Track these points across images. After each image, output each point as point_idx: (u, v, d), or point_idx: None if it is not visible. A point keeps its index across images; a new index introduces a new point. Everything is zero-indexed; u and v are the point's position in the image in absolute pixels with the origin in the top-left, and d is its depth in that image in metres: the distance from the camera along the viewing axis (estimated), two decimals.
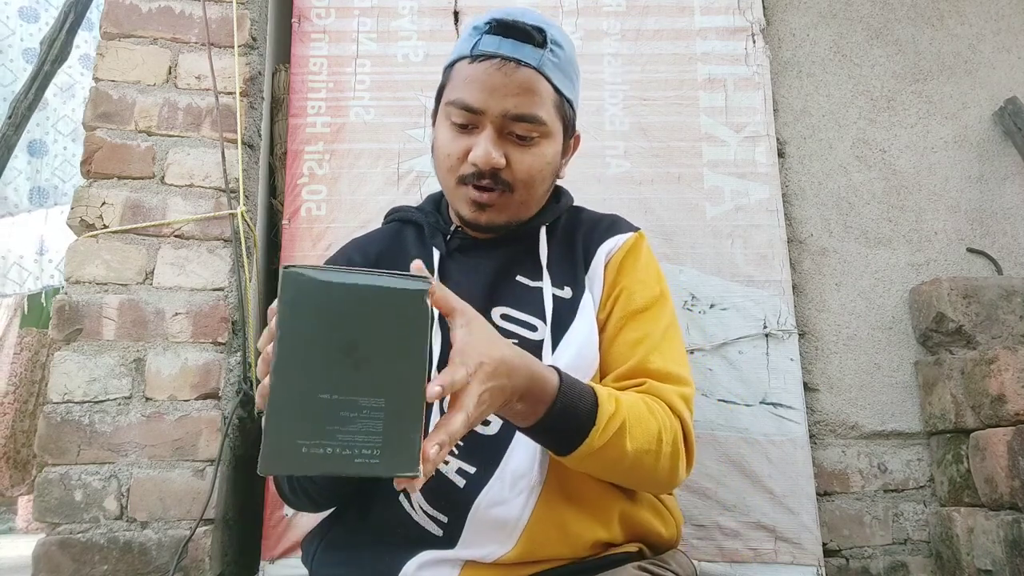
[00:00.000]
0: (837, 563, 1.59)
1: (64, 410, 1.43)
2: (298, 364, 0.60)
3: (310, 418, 0.59)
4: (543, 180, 1.00)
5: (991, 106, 1.89)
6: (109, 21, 1.64)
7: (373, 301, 0.63)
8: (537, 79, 0.95)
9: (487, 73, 0.94)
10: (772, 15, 1.89)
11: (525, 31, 0.94)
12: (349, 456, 0.59)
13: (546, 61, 0.95)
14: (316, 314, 0.61)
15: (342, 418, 0.60)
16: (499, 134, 0.95)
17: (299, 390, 0.60)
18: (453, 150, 0.97)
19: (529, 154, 0.97)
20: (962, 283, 1.64)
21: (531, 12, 1.00)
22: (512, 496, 0.90)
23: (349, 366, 0.61)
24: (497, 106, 0.94)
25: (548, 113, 0.97)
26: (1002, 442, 1.45)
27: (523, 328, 0.98)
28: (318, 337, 0.61)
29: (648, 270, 1.04)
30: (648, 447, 0.87)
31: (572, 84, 1.01)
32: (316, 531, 1.01)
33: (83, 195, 1.54)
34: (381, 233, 1.14)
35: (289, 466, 0.59)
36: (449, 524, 0.90)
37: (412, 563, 0.88)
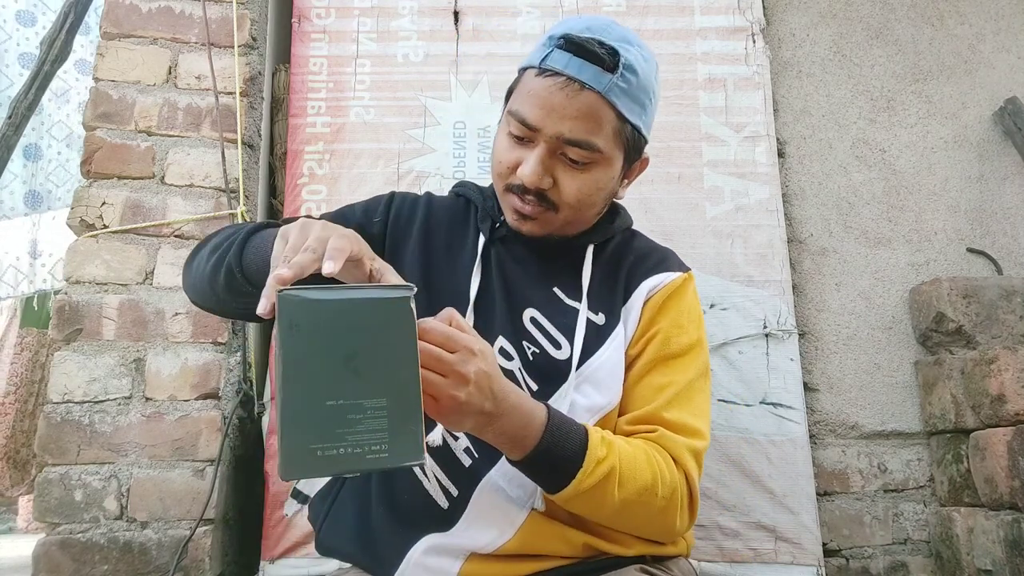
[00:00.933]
0: (837, 563, 1.59)
1: (64, 410, 1.43)
2: (303, 377, 0.65)
3: (320, 424, 0.64)
4: (592, 204, 0.98)
5: (991, 106, 1.89)
6: (109, 21, 1.64)
7: (363, 312, 0.68)
8: (600, 104, 0.91)
9: (549, 91, 0.90)
10: (772, 15, 1.89)
11: (595, 53, 0.89)
12: (360, 454, 0.65)
13: (613, 87, 0.90)
14: (313, 330, 0.66)
15: (349, 420, 0.65)
16: (551, 154, 0.93)
17: (307, 400, 0.65)
18: (505, 159, 0.96)
19: (579, 179, 0.94)
20: (962, 283, 1.64)
21: (615, 28, 0.95)
22: (511, 492, 0.90)
23: (350, 373, 0.66)
24: (553, 127, 0.91)
25: (606, 140, 0.93)
26: (1002, 442, 1.45)
27: (547, 340, 0.97)
28: (317, 350, 0.66)
29: (690, 315, 1.02)
30: (639, 498, 0.85)
31: (643, 110, 0.97)
32: (324, 491, 1.02)
33: (83, 195, 1.54)
34: (451, 202, 1.12)
35: (306, 470, 0.64)
36: (457, 498, 0.91)
37: (417, 548, 0.89)
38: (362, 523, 0.94)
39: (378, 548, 0.91)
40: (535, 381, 0.96)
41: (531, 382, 0.96)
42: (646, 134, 1.00)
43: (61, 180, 2.89)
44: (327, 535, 0.98)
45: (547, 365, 0.96)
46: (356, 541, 0.94)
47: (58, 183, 2.89)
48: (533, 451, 0.80)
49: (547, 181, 0.93)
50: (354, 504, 0.97)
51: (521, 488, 0.91)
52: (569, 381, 0.94)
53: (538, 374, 0.96)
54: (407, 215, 1.07)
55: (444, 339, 0.72)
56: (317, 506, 1.02)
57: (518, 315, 0.98)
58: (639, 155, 1.02)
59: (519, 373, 0.96)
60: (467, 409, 0.73)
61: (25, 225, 3.07)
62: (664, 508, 0.88)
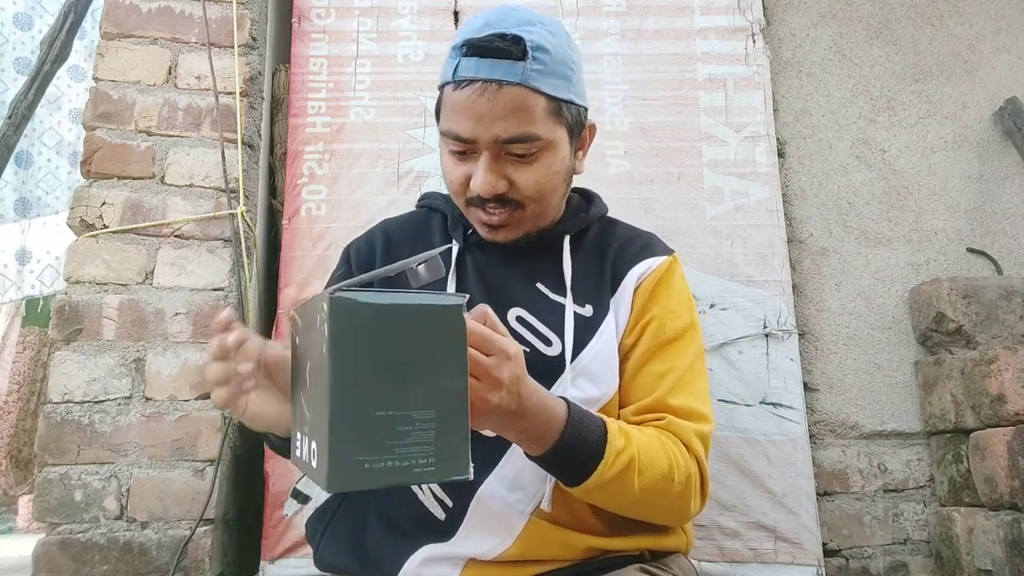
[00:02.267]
0: (837, 563, 1.59)
1: (64, 410, 1.43)
2: (352, 384, 0.63)
3: (369, 435, 0.62)
4: (554, 189, 0.97)
5: (991, 106, 1.89)
6: (109, 21, 1.64)
7: (415, 319, 0.66)
8: (524, 95, 0.89)
9: (470, 100, 0.89)
10: (772, 15, 1.89)
11: (499, 48, 0.88)
12: (408, 467, 0.63)
13: (530, 73, 0.89)
14: (365, 336, 0.64)
15: (399, 432, 0.63)
16: (496, 158, 0.92)
17: (357, 411, 0.63)
18: (455, 177, 0.96)
19: (532, 170, 0.93)
20: (962, 283, 1.64)
21: (512, 14, 0.93)
22: (510, 497, 0.90)
23: (399, 382, 0.64)
24: (487, 133, 0.90)
25: (544, 125, 0.92)
26: (1002, 442, 1.45)
27: (537, 339, 0.97)
28: (369, 357, 0.64)
29: (680, 297, 1.01)
30: (657, 485, 0.86)
31: (568, 82, 0.94)
32: (322, 508, 1.02)
33: (83, 195, 1.54)
34: (411, 218, 1.13)
35: (354, 483, 0.62)
36: (453, 509, 0.90)
37: (415, 559, 0.88)
38: (359, 538, 0.94)
39: (375, 561, 0.91)
40: None
41: None
42: (581, 102, 0.98)
43: (51, 187, 2.89)
44: (324, 551, 0.97)
45: (540, 363, 0.95)
46: (353, 555, 0.93)
47: (48, 190, 2.88)
48: (554, 446, 0.80)
49: (502, 184, 0.93)
50: (351, 520, 0.96)
51: (521, 491, 0.90)
52: (564, 376, 0.93)
53: (532, 373, 0.96)
54: (366, 254, 1.07)
55: (481, 341, 0.71)
56: (314, 524, 1.02)
57: (503, 316, 0.97)
58: (583, 125, 1.00)
59: None
60: (496, 412, 0.73)
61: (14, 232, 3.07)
62: (680, 493, 0.88)
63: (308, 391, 0.69)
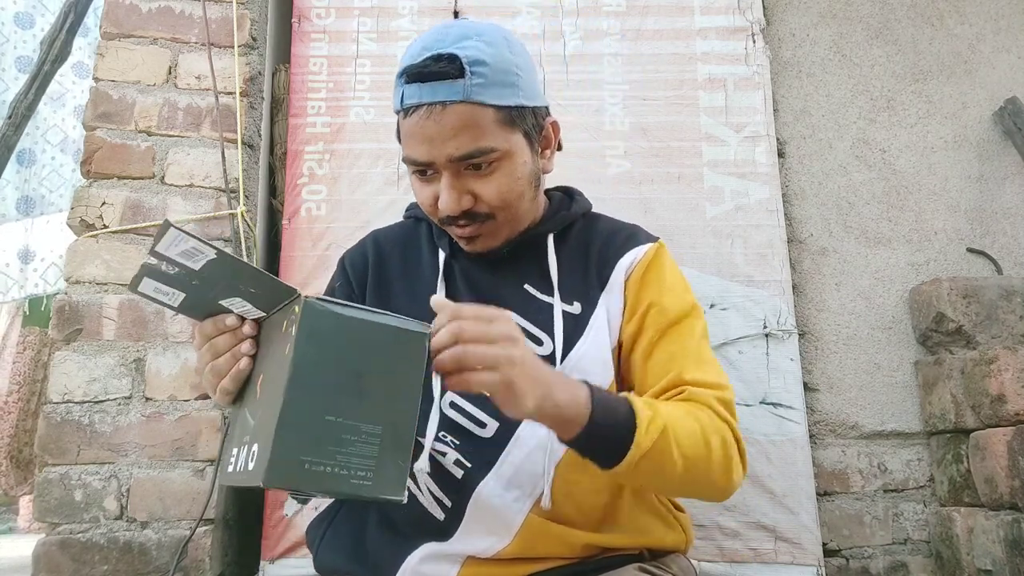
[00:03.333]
0: (837, 563, 1.59)
1: (64, 410, 1.43)
2: (309, 386, 0.65)
3: (315, 437, 0.64)
4: (520, 195, 0.97)
5: (991, 106, 1.89)
6: (109, 21, 1.64)
7: (381, 338, 0.69)
8: (469, 111, 0.89)
9: (419, 125, 0.90)
10: (772, 15, 1.89)
11: (435, 71, 0.89)
12: (346, 476, 0.65)
13: (473, 88, 0.89)
14: (330, 343, 0.67)
15: (343, 440, 0.65)
16: (456, 176, 0.93)
17: (308, 410, 0.64)
18: (424, 198, 0.97)
19: (493, 181, 0.93)
20: (962, 283, 1.64)
21: (450, 31, 0.93)
22: (508, 496, 0.90)
23: (354, 393, 0.66)
24: (440, 154, 0.91)
25: (496, 136, 0.92)
26: (1002, 442, 1.45)
27: (528, 339, 0.96)
28: (329, 363, 0.66)
29: (674, 280, 1.02)
30: (697, 451, 0.85)
31: (514, 88, 0.94)
32: (322, 516, 1.02)
33: (83, 195, 1.54)
34: (400, 229, 1.14)
35: (291, 479, 0.64)
36: (452, 509, 0.91)
37: (414, 556, 0.89)
38: (358, 540, 0.94)
39: (375, 561, 0.91)
40: None
41: None
42: (535, 103, 0.97)
43: (55, 185, 2.88)
44: (323, 554, 0.98)
45: None
46: (352, 557, 0.93)
47: (51, 188, 2.88)
48: (588, 423, 0.79)
49: (467, 200, 0.94)
50: (350, 524, 0.97)
51: (519, 488, 0.91)
52: None
53: None
54: (360, 265, 1.09)
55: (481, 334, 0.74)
56: (314, 529, 1.02)
57: None
58: (541, 125, 1.00)
59: None
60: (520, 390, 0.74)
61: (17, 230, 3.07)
62: (723, 457, 0.87)
63: (258, 399, 0.71)
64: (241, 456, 0.70)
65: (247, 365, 0.75)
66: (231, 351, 0.76)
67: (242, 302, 0.73)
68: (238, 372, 0.75)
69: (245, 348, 0.75)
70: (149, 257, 0.66)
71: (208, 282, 0.70)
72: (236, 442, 0.74)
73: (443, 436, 0.94)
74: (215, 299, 0.73)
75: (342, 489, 0.65)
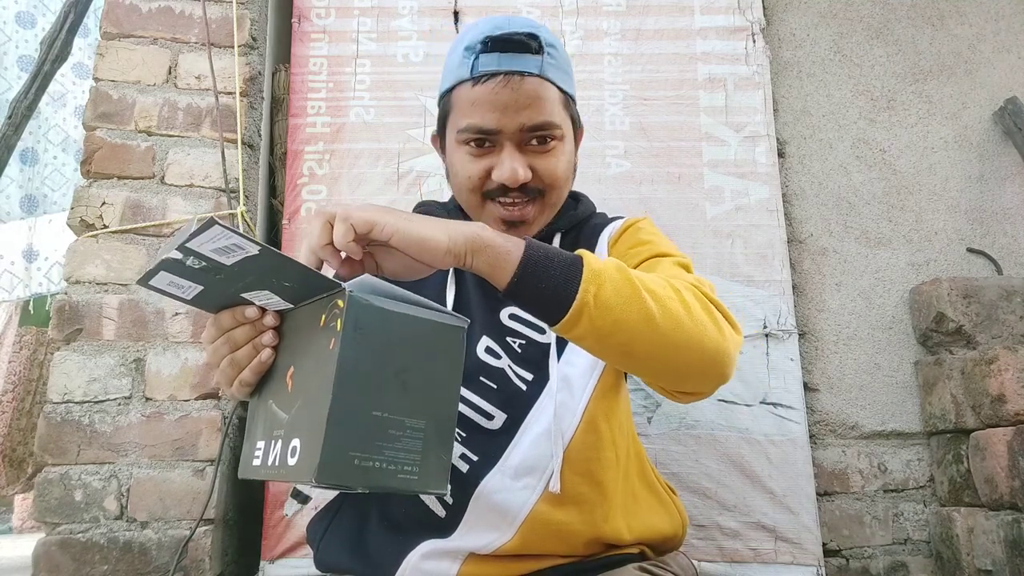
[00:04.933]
0: (837, 563, 1.59)
1: (64, 410, 1.43)
2: (357, 382, 0.65)
3: (364, 433, 0.64)
4: (567, 179, 1.03)
5: (991, 106, 1.89)
6: (109, 21, 1.64)
7: (422, 331, 0.69)
8: (543, 86, 0.95)
9: (495, 92, 0.94)
10: (772, 15, 1.89)
11: (521, 42, 0.94)
12: (393, 471, 0.65)
13: (547, 65, 0.96)
14: (376, 338, 0.66)
15: (390, 435, 0.65)
16: (519, 148, 0.96)
17: (357, 405, 0.64)
18: (474, 172, 0.98)
19: (552, 158, 0.98)
20: (962, 283, 1.64)
21: (517, 19, 1.00)
22: (515, 487, 0.91)
23: (399, 388, 0.66)
24: (512, 122, 0.94)
25: (560, 115, 0.98)
26: (1002, 442, 1.45)
27: (530, 329, 0.99)
28: (375, 359, 0.66)
29: (655, 236, 1.03)
30: (668, 294, 0.76)
31: (570, 78, 1.03)
32: (323, 513, 1.02)
33: (83, 195, 1.54)
34: None
35: (342, 476, 0.63)
36: (453, 505, 0.91)
37: (415, 553, 0.89)
38: (359, 537, 0.94)
39: (375, 558, 0.91)
40: (527, 371, 0.97)
41: (524, 373, 0.97)
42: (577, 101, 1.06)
43: (57, 184, 2.89)
44: (324, 552, 0.98)
45: (535, 352, 0.98)
46: (353, 554, 0.94)
47: (54, 187, 2.89)
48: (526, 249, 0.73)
49: (527, 173, 0.96)
50: (351, 521, 0.97)
51: (529, 475, 0.91)
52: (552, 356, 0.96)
53: (528, 363, 0.98)
54: None
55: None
56: (315, 527, 1.03)
57: (496, 315, 1.00)
58: (580, 124, 1.07)
59: (509, 370, 0.97)
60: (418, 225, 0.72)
61: (21, 229, 3.08)
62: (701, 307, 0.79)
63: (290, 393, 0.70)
64: (273, 450, 0.69)
65: (269, 357, 0.74)
66: (252, 343, 0.75)
67: (268, 294, 0.72)
68: (260, 364, 0.74)
69: (267, 339, 0.74)
70: (174, 251, 0.65)
71: (236, 276, 0.69)
72: (262, 435, 0.73)
73: None
74: (238, 292, 0.72)
75: (390, 484, 0.65)
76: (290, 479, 0.66)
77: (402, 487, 0.65)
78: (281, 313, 0.75)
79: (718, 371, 0.81)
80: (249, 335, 0.75)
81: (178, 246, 0.64)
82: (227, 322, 0.75)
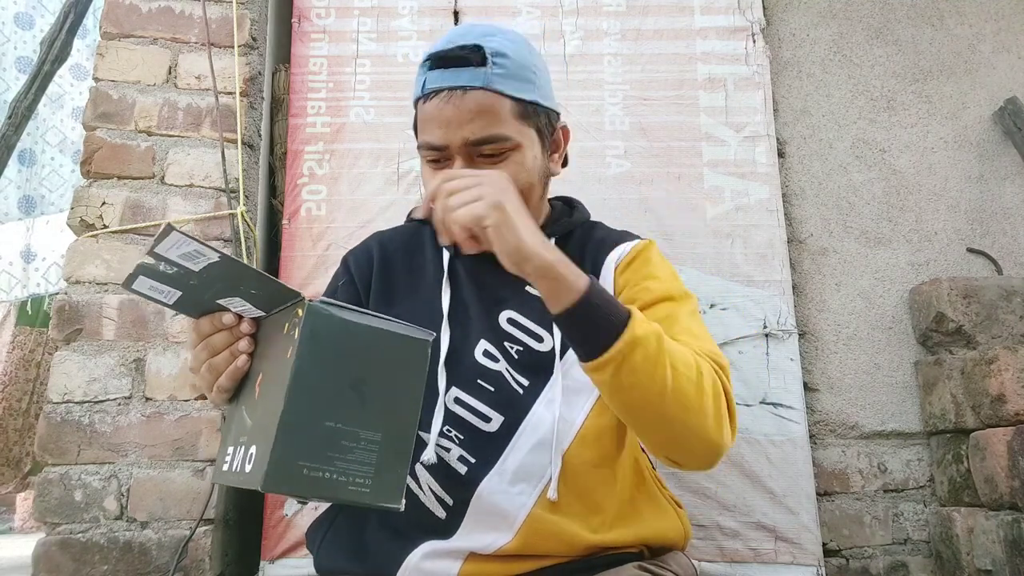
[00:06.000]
0: (837, 563, 1.59)
1: (64, 410, 1.43)
2: (311, 391, 0.65)
3: (315, 442, 0.64)
4: (530, 186, 0.99)
5: (991, 106, 1.89)
6: (109, 21, 1.64)
7: (384, 344, 0.69)
8: (488, 98, 0.93)
9: (438, 109, 0.94)
10: (772, 15, 1.89)
11: (460, 56, 0.94)
12: (344, 482, 0.64)
13: (493, 77, 0.94)
14: (333, 348, 0.66)
15: (343, 447, 0.65)
16: (468, 161, 0.95)
17: (309, 415, 0.64)
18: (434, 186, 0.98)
19: (504, 170, 0.94)
20: (962, 283, 1.64)
21: (475, 28, 0.99)
22: (511, 492, 0.91)
23: (355, 399, 0.66)
24: (456, 137, 0.93)
25: (511, 126, 0.95)
26: (1002, 442, 1.45)
27: (529, 336, 0.99)
28: (332, 368, 0.66)
29: (662, 269, 1.03)
30: (689, 374, 0.82)
31: (532, 84, 0.98)
32: (322, 518, 1.02)
33: (83, 195, 1.54)
34: (402, 231, 1.15)
35: (290, 485, 0.63)
36: (453, 507, 0.91)
37: (416, 554, 0.89)
38: (359, 541, 0.94)
39: (375, 559, 0.91)
40: (525, 376, 0.97)
41: (521, 378, 0.97)
42: (549, 105, 1.02)
43: (54, 185, 2.90)
44: (324, 556, 0.98)
45: (533, 359, 0.98)
46: (353, 558, 0.94)
47: (51, 188, 2.89)
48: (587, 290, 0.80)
49: None
50: (351, 525, 0.97)
51: (524, 481, 0.91)
52: (556, 368, 0.96)
53: (526, 370, 0.97)
54: (365, 263, 1.10)
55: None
56: (314, 532, 1.03)
57: (495, 318, 1.00)
58: (553, 127, 1.04)
59: (507, 373, 0.97)
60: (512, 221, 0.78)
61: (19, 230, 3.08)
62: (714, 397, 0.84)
63: (256, 400, 0.71)
64: (237, 456, 0.70)
65: (245, 363, 0.75)
66: (229, 349, 0.76)
67: (241, 301, 0.73)
68: (236, 370, 0.75)
69: (243, 346, 0.75)
70: (146, 257, 0.66)
71: (207, 282, 0.70)
72: (232, 440, 0.73)
73: (448, 431, 0.94)
74: (212, 298, 0.73)
75: (340, 495, 0.65)
76: (246, 485, 0.65)
77: (353, 499, 0.65)
78: (257, 320, 0.76)
79: (705, 460, 0.88)
80: (227, 341, 0.76)
81: (148, 251, 0.66)
82: (206, 328, 0.76)
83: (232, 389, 0.77)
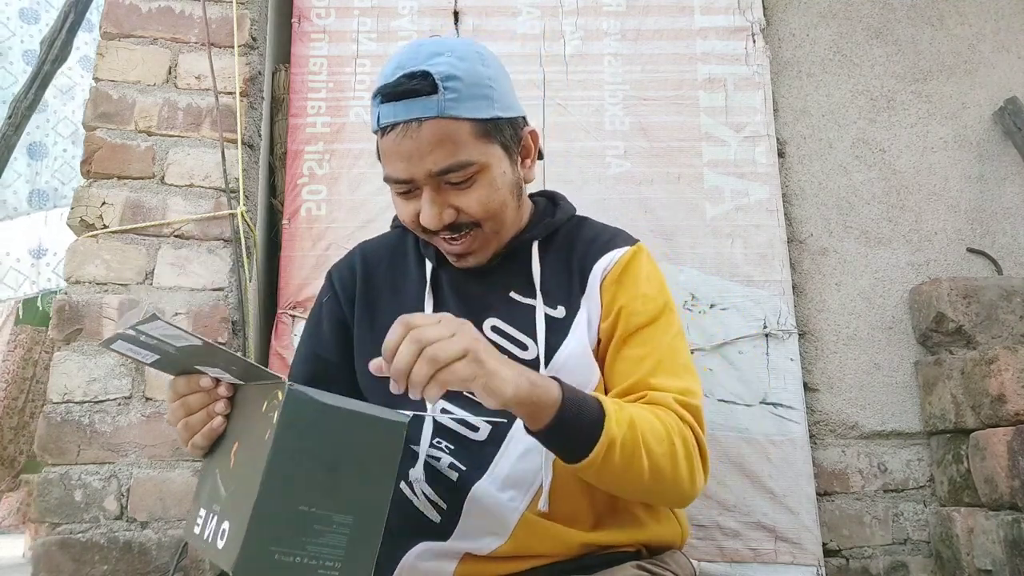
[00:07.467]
0: (837, 563, 1.59)
1: (64, 410, 1.43)
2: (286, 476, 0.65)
3: (288, 528, 0.65)
4: (503, 205, 0.97)
5: (991, 106, 1.89)
6: (109, 21, 1.64)
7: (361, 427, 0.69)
8: (444, 126, 0.90)
9: (396, 143, 0.91)
10: (772, 15, 1.89)
11: (408, 89, 0.89)
12: (314, 566, 0.65)
13: (447, 103, 0.90)
14: (310, 433, 0.67)
15: (314, 531, 0.66)
16: (436, 190, 0.93)
17: (283, 500, 0.65)
18: (406, 216, 0.97)
19: (473, 193, 0.94)
20: (962, 283, 1.64)
21: (422, 49, 0.94)
22: (503, 496, 0.91)
23: (329, 483, 0.67)
24: (419, 170, 0.91)
25: (473, 149, 0.92)
26: (1002, 442, 1.45)
27: (513, 344, 0.98)
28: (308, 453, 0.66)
29: (649, 283, 1.02)
30: (662, 448, 0.85)
31: (489, 100, 0.94)
32: None
33: (83, 195, 1.54)
34: (386, 240, 1.15)
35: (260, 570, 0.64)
36: (447, 511, 0.91)
37: (411, 554, 0.90)
38: None
39: None
40: None
41: None
42: (511, 114, 0.98)
43: (67, 177, 2.90)
44: None
45: None
46: None
47: (64, 180, 2.90)
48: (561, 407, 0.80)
49: (448, 214, 0.94)
50: None
51: (513, 489, 0.91)
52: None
53: None
54: (348, 277, 1.10)
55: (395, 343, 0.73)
56: None
57: (480, 327, 0.98)
58: (518, 136, 1.00)
59: None
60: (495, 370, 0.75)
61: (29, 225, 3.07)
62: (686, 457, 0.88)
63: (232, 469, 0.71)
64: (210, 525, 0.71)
65: (220, 424, 0.76)
66: (205, 409, 0.77)
67: (220, 371, 0.74)
68: (211, 431, 0.77)
69: (219, 408, 0.76)
70: (127, 329, 0.67)
71: (187, 354, 0.71)
72: (205, 504, 0.74)
73: (437, 442, 0.95)
74: (192, 364, 0.74)
75: None
76: (218, 563, 0.66)
77: None
78: (235, 385, 0.77)
79: (676, 505, 1.01)
80: (203, 402, 0.77)
81: (130, 326, 0.66)
82: (183, 388, 0.77)
83: (207, 447, 0.79)
